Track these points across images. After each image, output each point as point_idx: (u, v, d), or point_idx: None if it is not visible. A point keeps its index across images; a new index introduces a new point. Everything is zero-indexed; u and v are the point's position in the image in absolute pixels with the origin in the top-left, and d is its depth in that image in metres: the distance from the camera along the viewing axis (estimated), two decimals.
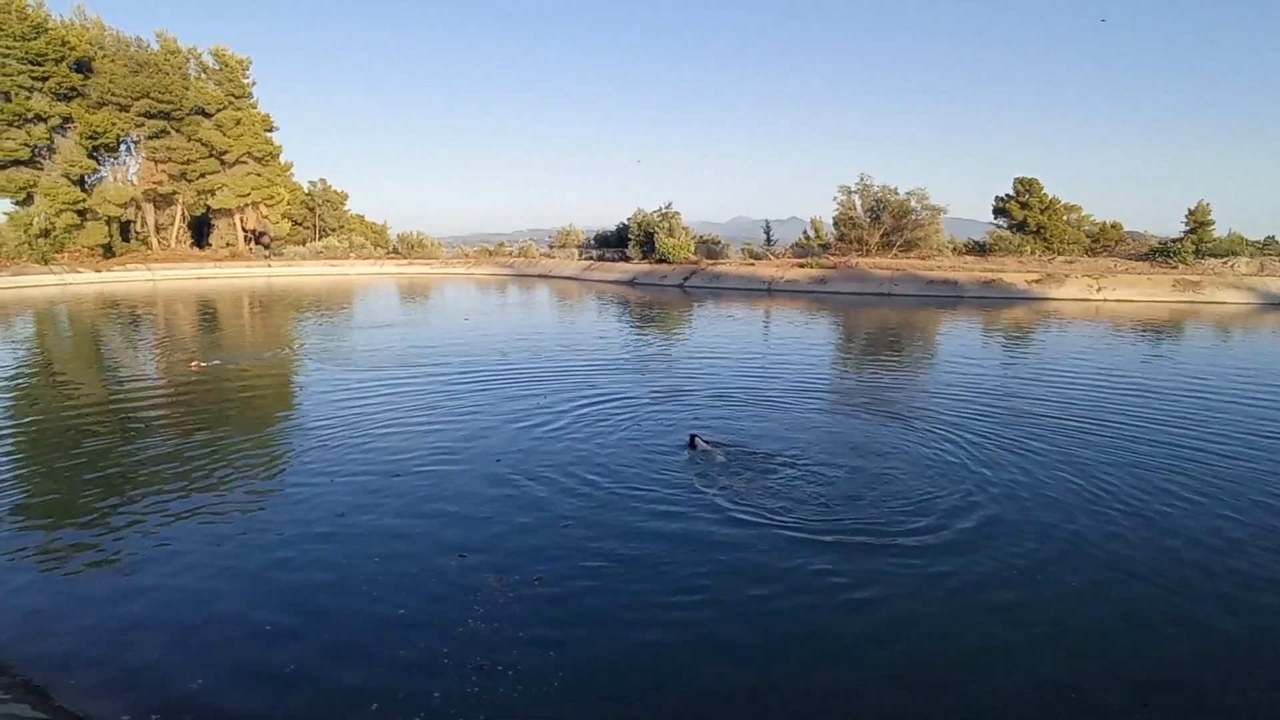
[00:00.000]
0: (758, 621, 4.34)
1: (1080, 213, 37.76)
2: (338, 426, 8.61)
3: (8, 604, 4.58)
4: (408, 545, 5.35)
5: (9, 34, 34.65)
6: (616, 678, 3.83)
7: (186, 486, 6.62)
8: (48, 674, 3.84)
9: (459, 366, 12.56)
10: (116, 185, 41.32)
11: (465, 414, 9.18)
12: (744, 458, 7.24)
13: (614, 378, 11.44)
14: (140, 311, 23.44)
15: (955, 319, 20.82)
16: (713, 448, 7.49)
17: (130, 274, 38.02)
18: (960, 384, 11.04)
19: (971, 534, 5.53)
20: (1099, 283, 26.78)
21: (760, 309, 23.72)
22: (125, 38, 41.11)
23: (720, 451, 7.40)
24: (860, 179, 35.29)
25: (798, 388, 10.83)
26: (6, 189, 37.09)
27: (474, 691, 3.65)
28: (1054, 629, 4.29)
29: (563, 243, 47.53)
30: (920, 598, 4.62)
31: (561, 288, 33.57)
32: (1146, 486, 6.52)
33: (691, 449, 7.53)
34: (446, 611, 4.41)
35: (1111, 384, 11.12)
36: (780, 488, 6.42)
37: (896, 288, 28.74)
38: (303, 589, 4.72)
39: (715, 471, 6.85)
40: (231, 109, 42.70)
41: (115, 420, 9.12)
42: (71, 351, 15.66)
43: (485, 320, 20.48)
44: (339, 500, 6.23)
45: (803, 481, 6.58)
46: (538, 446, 7.75)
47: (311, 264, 44.68)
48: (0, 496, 6.46)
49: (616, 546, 5.29)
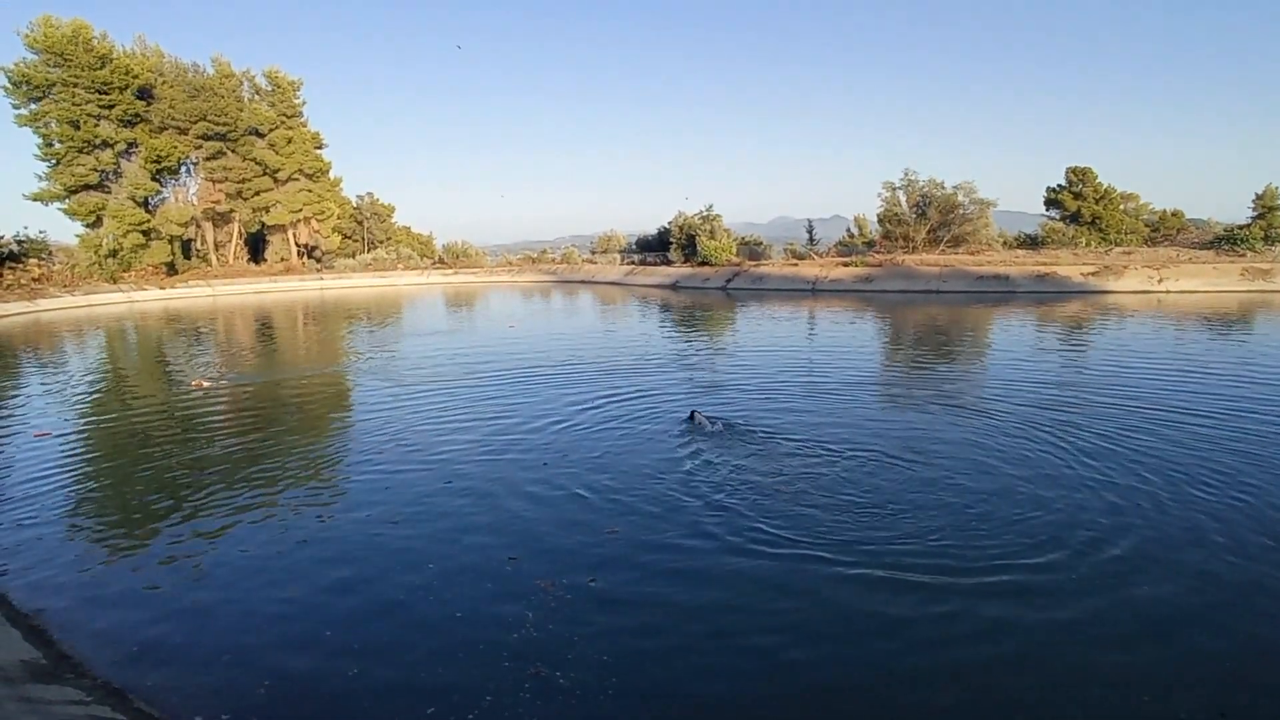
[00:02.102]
0: (821, 643, 4.25)
1: (1137, 201, 36.49)
2: (390, 434, 8.84)
3: (86, 607, 4.83)
4: (459, 550, 5.46)
5: (78, 65, 36.48)
6: (667, 690, 3.85)
7: (247, 492, 6.88)
8: (125, 675, 4.04)
9: (505, 371, 12.76)
10: (178, 205, 43.14)
11: (512, 417, 9.33)
12: (793, 454, 7.20)
13: (660, 380, 11.47)
14: (202, 326, 24.39)
15: (1009, 314, 20.30)
16: (710, 422, 8.38)
17: (192, 290, 39.60)
18: (1038, 379, 10.77)
19: (1093, 566, 4.91)
20: (1160, 273, 25.79)
21: (805, 309, 23.49)
22: (183, 64, 42.92)
23: (719, 425, 8.33)
24: (905, 174, 34.77)
25: (852, 381, 10.70)
26: (78, 212, 39.03)
27: (526, 698, 3.72)
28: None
29: (604, 248, 47.81)
30: (1030, 663, 3.93)
31: (604, 293, 33.78)
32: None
33: (691, 423, 8.49)
34: (500, 615, 4.49)
35: (1205, 377, 10.75)
36: (843, 484, 6.37)
37: (945, 284, 28.14)
38: (361, 594, 4.87)
39: (775, 484, 6.82)
40: (283, 128, 44.16)
41: (179, 428, 9.52)
42: (137, 364, 16.40)
43: (530, 326, 20.75)
44: (393, 507, 6.40)
45: (868, 479, 6.51)
46: (585, 449, 7.83)
47: (361, 276, 45.86)
48: (73, 501, 6.83)
49: (665, 552, 5.32)
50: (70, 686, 3.87)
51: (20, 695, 3.66)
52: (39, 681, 3.88)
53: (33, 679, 3.89)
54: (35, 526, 6.22)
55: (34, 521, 6.33)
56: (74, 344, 20.79)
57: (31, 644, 4.32)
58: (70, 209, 39.03)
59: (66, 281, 36.93)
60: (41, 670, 4.02)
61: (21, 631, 4.46)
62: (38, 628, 4.55)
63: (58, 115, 37.01)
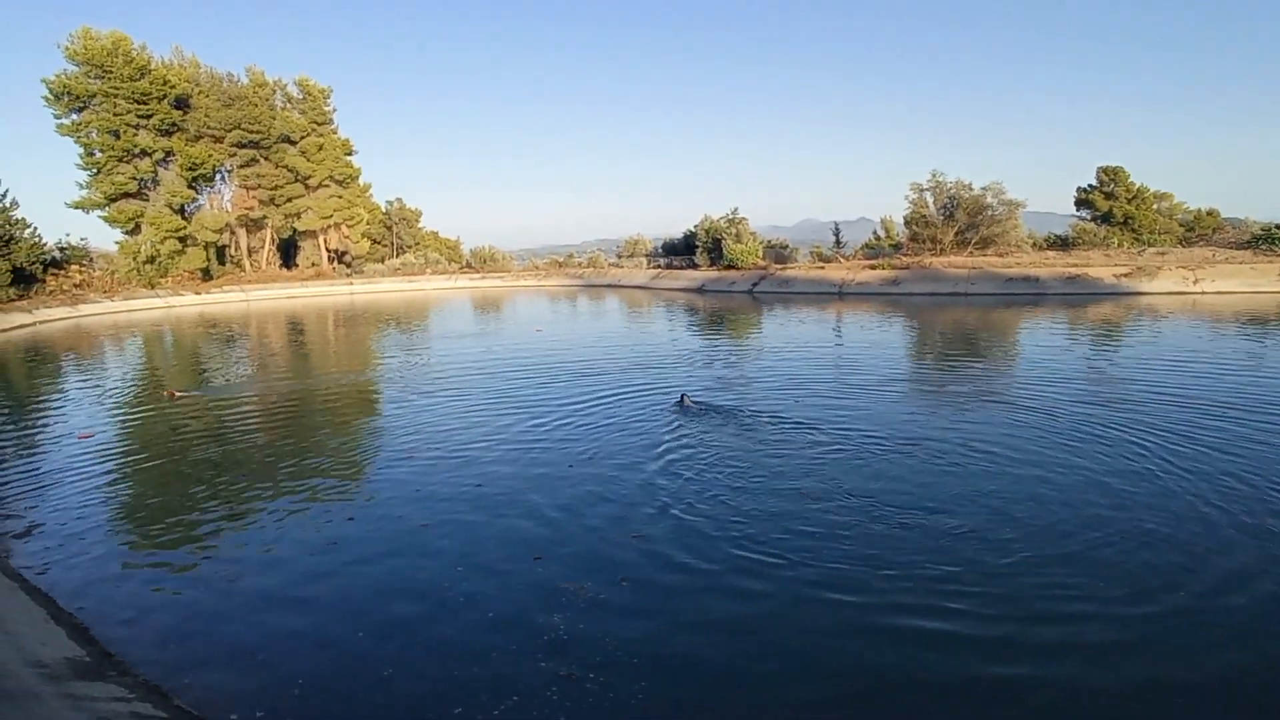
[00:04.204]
0: (864, 655, 4.21)
1: (1171, 201, 35.69)
2: (421, 435, 8.97)
3: (126, 606, 4.97)
4: (490, 552, 5.52)
5: (118, 76, 37.50)
6: (698, 698, 3.87)
7: (281, 494, 7.03)
8: (165, 674, 4.15)
9: (531, 374, 12.86)
10: (213, 212, 44.17)
11: (538, 419, 9.42)
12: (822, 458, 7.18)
13: (685, 382, 11.47)
14: (235, 330, 24.91)
15: (1044, 316, 19.98)
16: (696, 406, 9.28)
17: (226, 295, 40.46)
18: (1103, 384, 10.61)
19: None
20: (1196, 274, 25.18)
21: (832, 312, 23.35)
22: (218, 74, 43.95)
23: (709, 409, 9.25)
24: (932, 175, 34.30)
25: (885, 379, 10.62)
26: (117, 219, 40.14)
27: (554, 698, 3.76)
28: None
29: (630, 252, 47.91)
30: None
31: (630, 296, 33.86)
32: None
33: (680, 406, 9.38)
34: (531, 618, 4.53)
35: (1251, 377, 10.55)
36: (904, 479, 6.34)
37: (973, 286, 27.77)
38: (393, 596, 4.94)
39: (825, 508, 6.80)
40: (314, 135, 45.00)
41: (216, 430, 9.73)
42: (174, 366, 16.80)
43: (556, 329, 20.88)
44: (424, 509, 6.48)
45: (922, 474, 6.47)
46: (611, 450, 7.87)
47: (390, 280, 46.47)
48: (115, 501, 7.04)
49: (690, 553, 5.33)
50: (113, 684, 3.99)
51: (65, 692, 3.79)
52: (83, 678, 4.01)
53: (76, 676, 4.02)
54: (80, 526, 6.41)
55: (79, 521, 6.53)
56: (114, 347, 21.36)
57: (75, 641, 4.46)
58: (110, 216, 40.18)
59: (106, 287, 37.96)
60: (85, 667, 4.15)
61: (66, 629, 4.61)
62: (81, 626, 4.70)
63: (98, 125, 38.09)
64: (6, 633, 4.34)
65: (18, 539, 6.19)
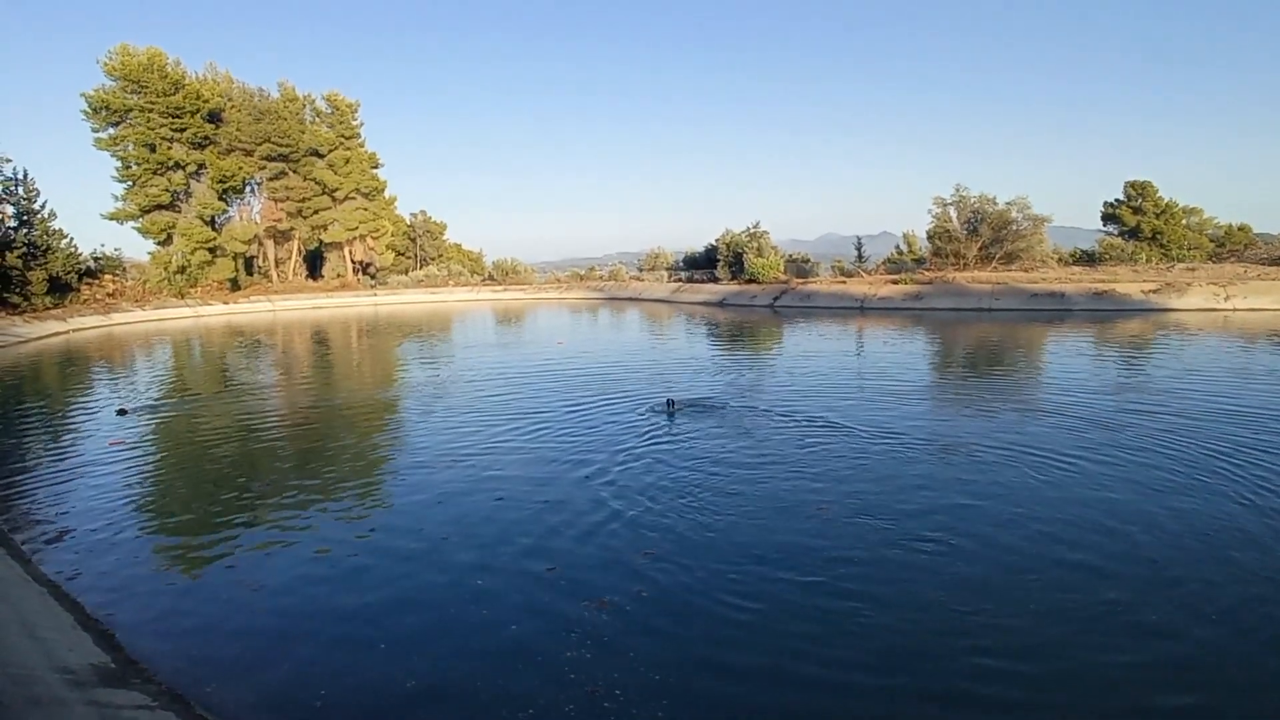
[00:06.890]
0: (895, 674, 4.17)
1: (1201, 216, 35.16)
2: (442, 447, 9.03)
3: (152, 614, 5.04)
4: (511, 566, 5.52)
5: (154, 91, 38.48)
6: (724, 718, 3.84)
7: (304, 505, 7.09)
8: (188, 682, 4.19)
9: (552, 386, 12.90)
10: (242, 224, 45.06)
11: (557, 431, 9.43)
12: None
13: (706, 393, 11.45)
14: (263, 339, 25.29)
15: (1065, 333, 19.70)
16: (681, 405, 9.69)
17: (254, 305, 41.17)
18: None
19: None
20: (1227, 290, 24.71)
21: (854, 327, 23.20)
22: (250, 89, 44.95)
23: (683, 406, 9.73)
24: (956, 189, 34.14)
25: (915, 390, 10.51)
26: (150, 230, 41.08)
27: (573, 713, 3.74)
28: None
29: (652, 265, 48.03)
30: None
31: (651, 310, 33.91)
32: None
33: (669, 407, 9.81)
34: (552, 631, 4.53)
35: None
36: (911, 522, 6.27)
37: (997, 302, 27.47)
38: (415, 609, 4.95)
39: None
40: (342, 149, 45.79)
41: (242, 439, 9.88)
42: (201, 375, 17.09)
43: (578, 342, 20.95)
44: (446, 522, 6.51)
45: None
46: (630, 462, 7.84)
47: (413, 292, 46.98)
48: (143, 509, 7.15)
49: (710, 564, 5.30)
50: (136, 691, 4.04)
51: (90, 699, 3.84)
52: (108, 685, 4.06)
53: (102, 683, 4.08)
54: (109, 532, 6.52)
55: (109, 528, 6.64)
56: (144, 356, 21.77)
57: (101, 648, 4.52)
58: (143, 228, 41.13)
59: (138, 296, 38.78)
60: (110, 674, 4.21)
61: (92, 636, 4.68)
62: (107, 633, 4.77)
63: (134, 139, 39.09)
64: (35, 639, 4.42)
65: (49, 544, 6.31)
